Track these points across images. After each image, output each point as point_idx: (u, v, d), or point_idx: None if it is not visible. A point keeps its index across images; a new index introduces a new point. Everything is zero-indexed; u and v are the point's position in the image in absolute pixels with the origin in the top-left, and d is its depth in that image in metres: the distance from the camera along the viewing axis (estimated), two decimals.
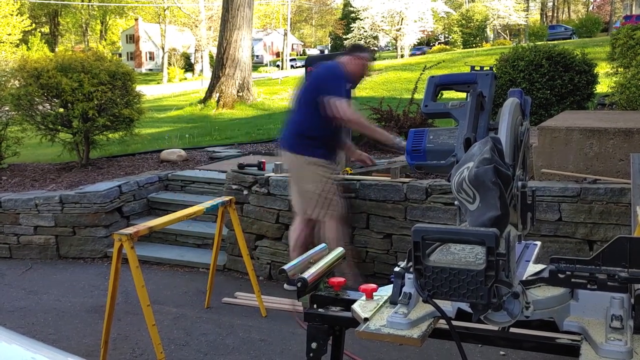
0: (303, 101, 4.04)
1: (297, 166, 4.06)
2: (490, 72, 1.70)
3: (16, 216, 5.51)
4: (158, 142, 9.00)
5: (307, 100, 4.00)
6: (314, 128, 3.97)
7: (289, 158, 4.09)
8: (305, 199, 4.05)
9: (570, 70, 6.60)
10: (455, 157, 1.56)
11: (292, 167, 4.14)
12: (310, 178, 4.03)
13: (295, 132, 4.06)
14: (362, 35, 42.17)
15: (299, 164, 4.03)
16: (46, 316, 4.11)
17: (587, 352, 1.26)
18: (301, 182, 4.06)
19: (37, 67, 6.50)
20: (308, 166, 4.03)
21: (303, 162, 4.01)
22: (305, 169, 4.02)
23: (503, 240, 1.20)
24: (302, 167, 4.02)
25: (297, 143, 4.02)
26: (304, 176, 4.04)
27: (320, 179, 4.06)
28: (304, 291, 1.58)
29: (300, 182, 4.08)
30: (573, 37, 37.73)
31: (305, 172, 4.02)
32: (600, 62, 8.74)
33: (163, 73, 43.70)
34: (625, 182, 3.69)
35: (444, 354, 3.31)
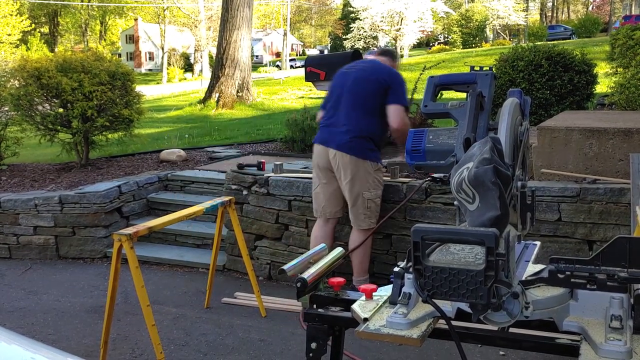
0: (364, 102, 3.85)
1: (360, 172, 3.85)
2: (490, 72, 1.70)
3: (16, 216, 5.51)
4: (158, 142, 9.00)
5: (371, 102, 3.84)
6: (379, 131, 3.89)
7: (349, 161, 3.83)
8: (361, 206, 3.91)
9: (569, 71, 6.60)
10: (455, 157, 1.56)
11: (352, 172, 3.85)
12: (373, 185, 3.91)
13: (356, 134, 3.84)
14: (361, 35, 42.14)
15: (364, 170, 3.86)
16: (46, 316, 4.11)
17: (587, 352, 1.26)
18: (362, 189, 3.88)
19: (37, 67, 6.50)
20: (374, 173, 3.91)
21: (369, 168, 3.87)
22: (370, 175, 3.89)
23: (502, 241, 1.20)
24: (368, 173, 3.87)
25: (359, 146, 3.84)
26: (366, 183, 3.88)
27: (380, 186, 3.98)
28: (304, 291, 1.59)
29: (361, 188, 3.88)
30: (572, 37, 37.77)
31: (370, 178, 3.89)
32: (600, 62, 8.75)
33: (163, 73, 43.71)
34: (625, 182, 3.69)
35: (444, 354, 3.31)
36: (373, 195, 3.92)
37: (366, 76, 3.90)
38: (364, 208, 3.91)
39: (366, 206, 3.91)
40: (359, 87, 3.88)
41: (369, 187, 3.89)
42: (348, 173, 3.86)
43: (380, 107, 3.85)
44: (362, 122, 3.84)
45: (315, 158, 4.05)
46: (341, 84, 3.96)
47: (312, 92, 18.13)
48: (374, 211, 3.95)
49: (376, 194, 3.94)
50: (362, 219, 3.94)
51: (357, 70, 3.96)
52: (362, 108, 3.85)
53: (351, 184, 3.87)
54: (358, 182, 3.86)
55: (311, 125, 7.12)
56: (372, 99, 3.84)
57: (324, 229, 4.10)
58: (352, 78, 3.92)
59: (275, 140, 8.67)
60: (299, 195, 4.57)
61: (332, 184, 4.00)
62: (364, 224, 3.95)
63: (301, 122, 7.24)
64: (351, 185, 3.87)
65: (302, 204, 4.56)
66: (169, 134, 9.95)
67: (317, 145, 4.02)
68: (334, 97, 4.00)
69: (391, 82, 3.85)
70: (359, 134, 3.83)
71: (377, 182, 3.94)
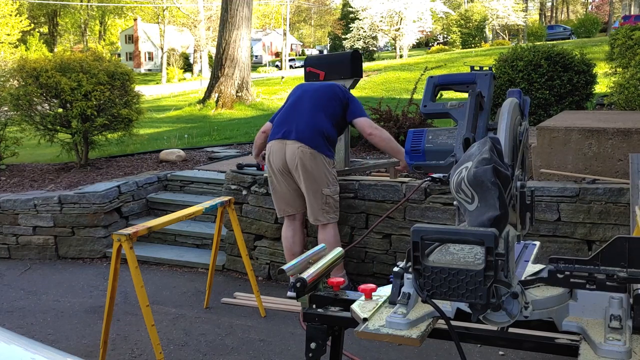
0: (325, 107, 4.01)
1: (319, 166, 3.93)
2: (489, 72, 1.70)
3: (15, 216, 5.51)
4: (157, 143, 9.00)
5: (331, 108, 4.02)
6: (334, 135, 4.05)
7: (310, 154, 3.89)
8: (320, 201, 3.99)
9: (569, 71, 6.60)
10: (455, 157, 1.56)
11: (310, 166, 3.91)
12: (331, 181, 4.00)
13: (318, 130, 3.95)
14: (361, 35, 42.16)
15: (322, 165, 3.94)
16: (45, 316, 4.11)
17: (586, 352, 1.26)
18: (321, 184, 3.96)
19: (36, 67, 6.50)
20: (331, 169, 4.01)
21: (327, 163, 3.96)
22: (328, 171, 3.98)
23: (502, 241, 1.20)
24: (326, 168, 3.96)
25: (319, 141, 3.93)
26: (325, 178, 3.96)
27: (337, 183, 4.08)
28: (303, 291, 1.59)
29: (320, 184, 3.96)
30: (572, 37, 37.80)
31: (329, 174, 3.98)
32: (599, 62, 8.74)
33: (162, 73, 43.72)
34: (624, 182, 3.70)
35: (443, 354, 3.31)
36: (332, 191, 4.02)
37: (325, 88, 4.13)
38: (323, 204, 4.00)
39: (325, 202, 4.00)
40: (319, 94, 4.08)
41: (328, 183, 3.99)
42: (307, 167, 3.91)
43: (338, 116, 4.05)
44: (322, 123, 3.97)
45: (271, 157, 4.06)
46: (299, 96, 4.15)
47: None
48: (332, 207, 4.04)
49: (334, 190, 4.05)
50: (321, 214, 4.01)
51: (317, 85, 4.23)
52: (322, 111, 4.00)
53: (310, 179, 3.94)
54: (317, 178, 3.95)
55: None
56: (332, 106, 4.02)
57: (291, 227, 4.18)
58: (313, 89, 4.15)
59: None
60: None
61: (285, 183, 4.07)
62: (323, 219, 4.02)
63: None
64: (311, 180, 3.94)
65: None
66: (168, 134, 9.95)
67: (274, 142, 4.02)
68: (287, 108, 4.16)
69: (349, 97, 4.12)
70: (320, 131, 3.96)
71: (335, 178, 4.07)
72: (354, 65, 4.56)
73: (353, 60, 4.57)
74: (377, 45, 45.50)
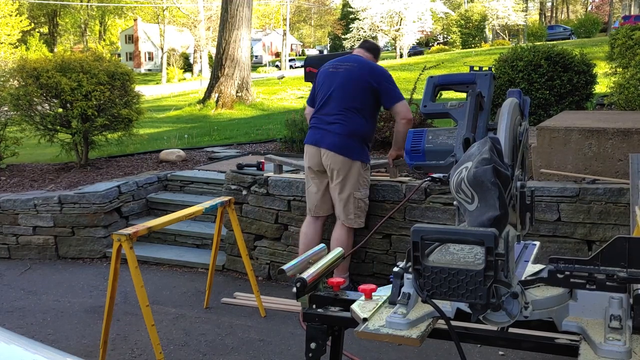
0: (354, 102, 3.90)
1: (351, 172, 3.92)
2: (489, 73, 1.70)
3: (15, 216, 5.51)
4: (157, 143, 9.00)
5: (360, 102, 3.91)
6: (368, 131, 3.99)
7: (341, 162, 3.91)
8: (353, 206, 3.99)
9: (569, 71, 6.60)
10: (455, 157, 1.56)
11: (343, 172, 3.93)
12: (362, 185, 4.00)
13: (347, 134, 3.90)
14: (361, 35, 42.15)
15: (355, 171, 3.93)
16: (45, 316, 4.11)
17: (586, 352, 1.26)
18: (353, 189, 3.96)
19: (36, 67, 6.49)
20: (364, 173, 4.00)
21: (359, 168, 3.95)
22: (361, 176, 3.97)
23: (502, 241, 1.20)
24: (358, 174, 3.95)
25: (350, 147, 3.91)
26: (357, 183, 3.96)
27: (368, 185, 4.08)
28: (303, 291, 1.59)
29: (352, 188, 3.95)
30: (572, 37, 37.78)
31: (360, 179, 3.98)
32: (599, 62, 8.74)
33: (162, 73, 43.71)
34: (624, 182, 3.70)
35: (443, 354, 3.31)
36: (363, 195, 4.04)
37: (355, 76, 3.95)
38: (355, 207, 4.01)
39: (357, 205, 4.01)
40: (348, 87, 3.94)
41: (359, 187, 3.99)
42: (340, 173, 3.94)
43: (369, 107, 3.97)
44: (352, 122, 3.91)
45: (307, 158, 4.11)
46: (329, 83, 4.01)
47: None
48: (363, 210, 4.07)
49: (365, 194, 4.06)
50: (353, 218, 4.03)
51: (345, 70, 4.01)
52: (352, 108, 3.92)
53: (342, 184, 3.96)
54: (349, 183, 3.95)
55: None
56: (361, 99, 3.92)
57: (313, 226, 4.17)
58: (341, 77, 3.97)
59: (274, 140, 8.66)
60: (298, 195, 4.57)
61: (323, 183, 4.09)
62: (355, 224, 4.05)
63: (300, 122, 7.23)
64: (342, 185, 3.96)
65: (302, 204, 4.56)
66: (168, 134, 9.95)
67: (308, 146, 4.10)
68: (322, 95, 4.04)
69: (379, 82, 3.94)
70: (350, 134, 3.90)
71: (366, 181, 4.06)
72: None
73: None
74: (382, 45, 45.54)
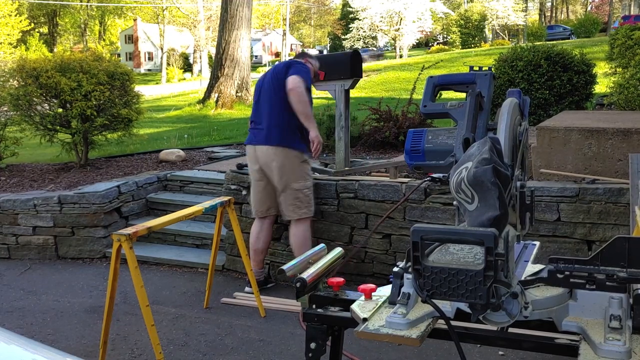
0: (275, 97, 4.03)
1: (285, 161, 4.01)
2: (489, 72, 1.70)
3: (15, 216, 5.51)
4: (157, 143, 9.00)
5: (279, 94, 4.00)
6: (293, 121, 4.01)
7: (273, 152, 4.01)
8: (290, 197, 4.06)
9: (568, 71, 6.61)
10: (454, 157, 1.56)
11: (276, 162, 4.02)
12: (300, 176, 4.05)
13: (273, 126, 4.02)
14: (360, 35, 42.18)
15: (287, 159, 4.00)
16: (45, 316, 4.11)
17: (586, 352, 1.26)
18: (289, 179, 4.03)
19: (36, 67, 6.49)
20: (300, 164, 4.04)
21: (292, 157, 4.01)
22: (296, 165, 4.02)
23: (502, 241, 1.20)
24: (292, 162, 4.01)
25: (279, 136, 4.00)
26: (292, 173, 4.02)
27: (308, 178, 4.12)
28: (303, 291, 1.59)
29: (288, 179, 4.03)
30: (571, 37, 37.77)
31: (296, 169, 4.02)
32: (599, 62, 8.75)
33: (162, 73, 43.70)
34: (624, 182, 3.70)
35: (443, 354, 3.31)
36: (301, 186, 4.05)
37: (275, 73, 4.12)
38: (293, 199, 4.05)
39: (295, 197, 4.05)
40: (270, 85, 4.09)
41: (297, 177, 4.03)
42: (273, 164, 4.03)
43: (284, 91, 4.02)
44: (276, 115, 4.02)
45: (247, 159, 4.28)
46: (259, 87, 4.22)
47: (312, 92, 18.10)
48: (304, 202, 4.08)
49: (304, 185, 4.08)
50: (292, 210, 4.08)
51: (270, 72, 4.22)
52: (274, 103, 4.04)
53: (279, 174, 4.03)
54: (285, 172, 4.02)
55: None
56: (279, 92, 4.01)
57: (259, 225, 4.30)
58: (267, 79, 4.16)
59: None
60: None
61: (261, 182, 4.18)
62: (294, 215, 4.10)
63: None
64: (279, 175, 4.03)
65: None
66: (168, 134, 9.95)
67: (246, 147, 4.26)
68: (255, 100, 4.25)
69: (290, 65, 4.07)
70: (276, 125, 4.01)
71: (305, 173, 4.09)
72: (353, 65, 4.56)
73: (353, 60, 4.57)
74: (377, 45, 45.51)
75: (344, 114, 4.64)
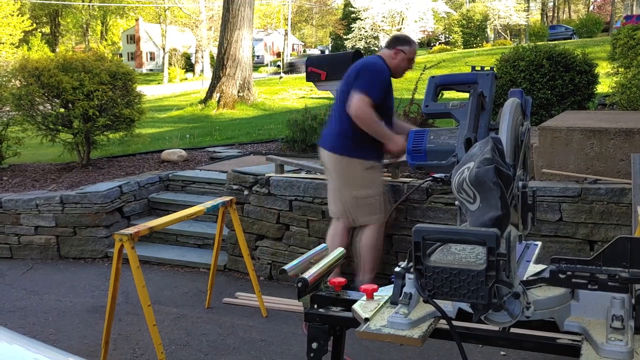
0: (344, 101, 3.77)
1: (345, 170, 3.82)
2: (491, 72, 1.70)
3: (17, 216, 5.51)
4: (159, 143, 9.01)
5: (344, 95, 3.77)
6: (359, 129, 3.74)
7: (334, 160, 3.85)
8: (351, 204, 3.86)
9: (570, 71, 6.59)
10: (456, 157, 1.56)
11: (336, 170, 3.87)
12: (362, 184, 3.82)
13: (339, 133, 3.83)
14: (362, 35, 42.15)
15: (349, 168, 3.81)
16: (47, 316, 4.11)
17: (588, 353, 1.26)
18: (350, 187, 3.83)
19: (38, 67, 6.50)
20: (363, 171, 3.82)
21: (355, 166, 3.80)
22: (358, 173, 3.81)
23: (504, 241, 1.20)
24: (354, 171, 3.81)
25: (342, 144, 3.80)
26: (353, 181, 3.81)
27: (372, 185, 3.87)
28: (305, 291, 1.59)
29: (348, 187, 3.84)
30: (574, 37, 37.74)
31: (358, 177, 3.81)
32: (601, 62, 8.73)
33: (164, 73, 43.70)
34: (626, 182, 3.69)
35: (445, 354, 3.31)
36: (363, 194, 3.83)
37: (347, 76, 3.88)
38: (355, 206, 3.86)
39: (356, 204, 3.85)
40: (341, 88, 3.88)
41: (358, 185, 3.82)
42: (336, 172, 3.89)
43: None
44: (339, 122, 3.83)
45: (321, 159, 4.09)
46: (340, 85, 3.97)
47: (313, 92, 18.13)
48: (367, 209, 3.86)
49: (367, 193, 3.84)
50: (359, 218, 3.89)
51: (348, 72, 3.94)
52: (340, 109, 3.81)
53: (337, 181, 3.90)
54: (345, 181, 3.85)
55: (312, 126, 7.11)
56: (345, 99, 3.77)
57: (334, 227, 4.09)
58: (344, 79, 3.92)
59: (276, 140, 8.67)
60: (299, 196, 4.57)
61: (331, 183, 4.02)
62: (362, 222, 3.91)
63: (302, 122, 7.24)
64: (338, 182, 3.90)
65: (303, 204, 4.56)
66: (170, 134, 9.96)
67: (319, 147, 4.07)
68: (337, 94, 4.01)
69: (358, 72, 3.75)
70: (338, 133, 3.84)
71: (369, 181, 3.85)
72: None
73: (354, 60, 4.56)
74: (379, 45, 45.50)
75: None
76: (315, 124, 7.12)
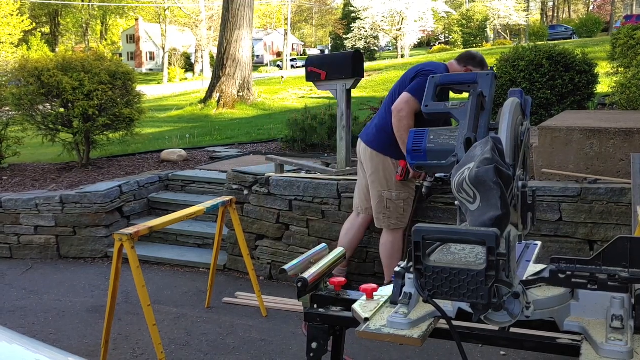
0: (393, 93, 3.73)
1: (380, 168, 3.74)
2: (491, 72, 1.70)
3: (17, 216, 5.51)
4: (158, 142, 9.01)
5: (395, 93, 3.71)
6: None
7: (370, 155, 3.78)
8: (380, 205, 3.79)
9: (570, 70, 6.59)
10: (456, 157, 1.56)
11: (372, 167, 3.78)
12: (394, 186, 3.75)
13: (382, 128, 3.73)
14: (362, 35, 42.16)
15: (384, 167, 3.73)
16: (47, 316, 4.11)
17: (588, 352, 1.26)
18: (382, 187, 3.76)
19: (37, 67, 6.51)
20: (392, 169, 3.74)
21: (389, 165, 3.73)
22: (391, 174, 3.73)
23: (503, 240, 1.20)
24: (388, 171, 3.73)
25: (382, 141, 3.72)
26: (386, 182, 3.74)
27: (403, 188, 3.79)
28: (304, 291, 1.59)
29: (381, 186, 3.76)
30: (573, 37, 37.72)
31: (391, 178, 3.73)
32: (601, 62, 8.73)
33: (163, 73, 43.70)
34: (626, 182, 3.69)
35: (445, 354, 3.31)
36: (394, 196, 3.76)
37: (405, 75, 3.79)
38: (383, 207, 3.79)
39: (385, 206, 3.78)
40: (396, 85, 3.81)
41: (390, 187, 3.75)
42: (369, 167, 3.81)
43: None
44: (384, 118, 3.75)
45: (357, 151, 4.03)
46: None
47: (313, 91, 18.14)
48: (393, 212, 3.79)
49: (397, 196, 3.75)
50: (381, 218, 3.83)
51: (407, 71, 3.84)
52: (388, 105, 3.75)
53: (370, 178, 3.82)
54: (378, 180, 3.77)
55: (312, 125, 7.12)
56: (396, 97, 3.69)
57: (351, 221, 4.06)
58: (401, 77, 3.83)
59: (276, 140, 8.67)
60: (299, 195, 4.57)
61: (363, 178, 3.97)
62: (383, 224, 3.84)
63: (302, 122, 7.25)
64: (371, 180, 3.82)
65: (303, 204, 4.56)
66: (169, 134, 9.96)
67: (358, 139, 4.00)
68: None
69: (416, 73, 3.66)
70: (381, 129, 3.75)
71: (401, 184, 3.76)
72: (355, 65, 4.56)
73: (354, 60, 4.57)
74: (379, 45, 45.50)
75: (346, 114, 4.64)
76: (315, 123, 7.13)
